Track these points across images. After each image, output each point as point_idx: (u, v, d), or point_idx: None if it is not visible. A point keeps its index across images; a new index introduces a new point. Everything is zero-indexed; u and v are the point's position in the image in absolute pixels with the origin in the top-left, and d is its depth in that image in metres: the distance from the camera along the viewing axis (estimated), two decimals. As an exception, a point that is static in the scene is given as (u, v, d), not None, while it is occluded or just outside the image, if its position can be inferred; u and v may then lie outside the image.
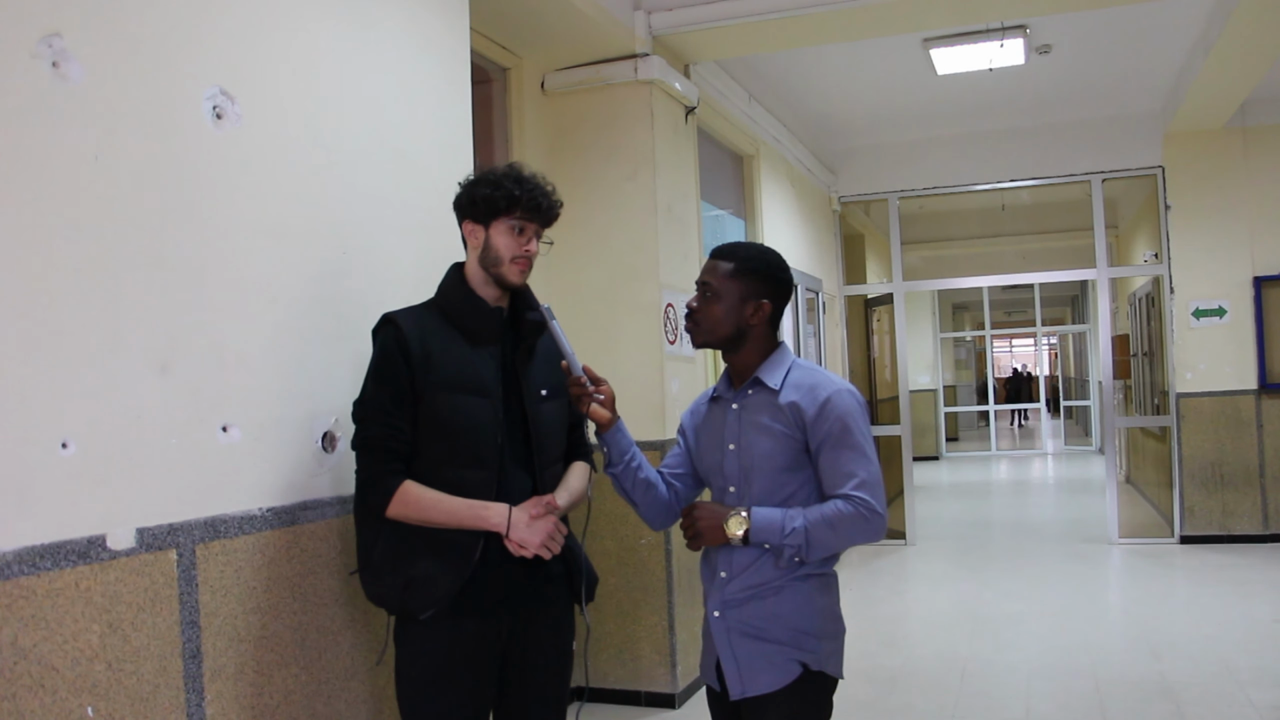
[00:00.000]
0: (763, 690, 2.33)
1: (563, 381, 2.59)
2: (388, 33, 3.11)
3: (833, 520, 2.27)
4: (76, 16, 2.09)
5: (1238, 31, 5.97)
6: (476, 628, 2.47)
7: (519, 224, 2.51)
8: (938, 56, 6.87)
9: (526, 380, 2.56)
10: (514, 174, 2.53)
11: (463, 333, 2.51)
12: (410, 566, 2.42)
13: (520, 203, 2.50)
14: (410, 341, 2.44)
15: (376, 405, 2.44)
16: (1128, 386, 12.14)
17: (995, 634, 6.11)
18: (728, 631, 2.38)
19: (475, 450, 2.46)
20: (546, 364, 2.63)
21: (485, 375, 2.49)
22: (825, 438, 2.32)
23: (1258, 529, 8.44)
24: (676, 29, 5.12)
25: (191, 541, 2.28)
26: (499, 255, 2.52)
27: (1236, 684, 4.98)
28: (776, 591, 2.35)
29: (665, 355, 5.03)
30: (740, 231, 7.06)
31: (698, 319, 2.44)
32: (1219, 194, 8.53)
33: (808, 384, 2.38)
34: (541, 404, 2.58)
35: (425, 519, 2.41)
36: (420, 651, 2.47)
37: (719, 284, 2.42)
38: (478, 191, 2.53)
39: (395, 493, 2.40)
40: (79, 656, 2.01)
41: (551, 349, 2.61)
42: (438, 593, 2.41)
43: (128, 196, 2.18)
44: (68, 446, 2.01)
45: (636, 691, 5.02)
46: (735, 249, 2.47)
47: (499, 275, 2.53)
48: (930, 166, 9.29)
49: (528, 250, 2.53)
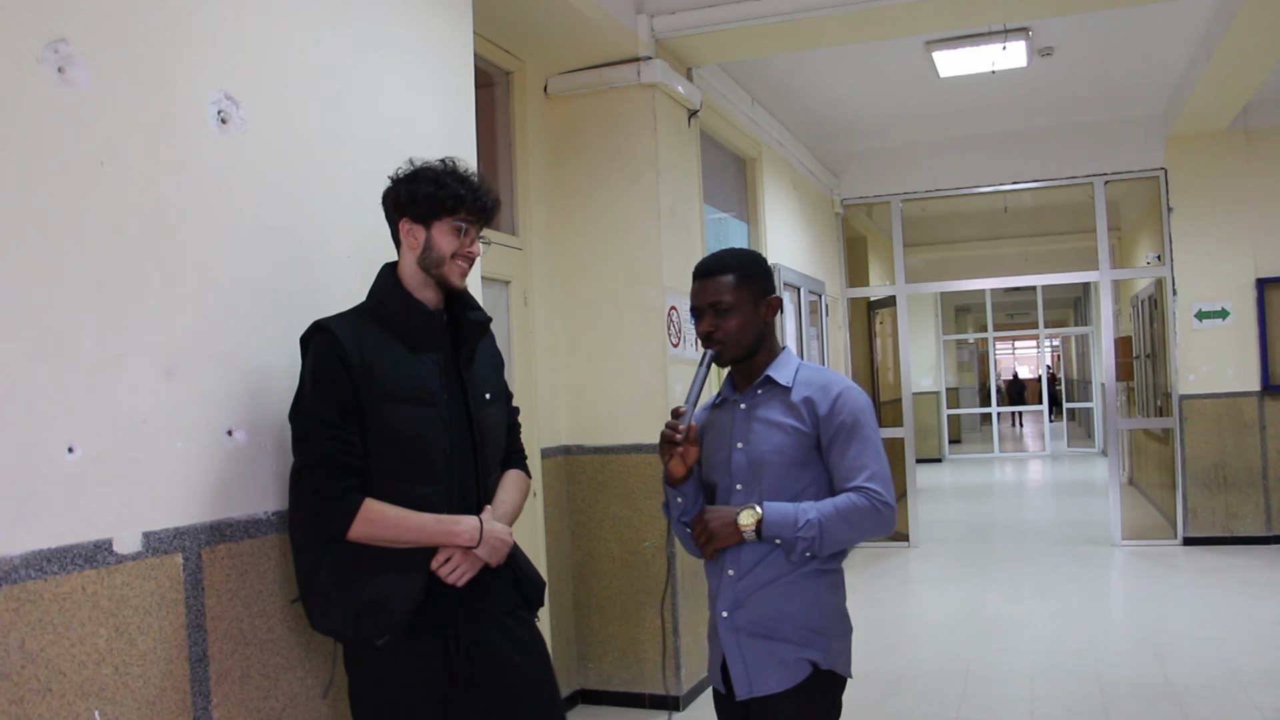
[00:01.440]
0: (772, 690, 2.32)
1: (502, 385, 2.59)
2: (391, 37, 3.12)
3: (845, 512, 2.28)
4: (82, 22, 2.10)
5: (1240, 34, 5.98)
6: (430, 648, 2.36)
7: (463, 224, 2.41)
8: (940, 59, 6.87)
9: (471, 385, 2.46)
10: (456, 172, 2.43)
11: (402, 339, 2.38)
12: (362, 590, 2.27)
13: (465, 202, 2.39)
14: (348, 349, 2.29)
15: (321, 419, 2.26)
16: (1130, 388, 12.13)
17: (998, 636, 6.11)
18: (736, 631, 2.37)
19: (426, 463, 2.34)
20: (488, 367, 2.55)
21: (430, 383, 2.38)
22: (838, 431, 2.35)
23: (1260, 530, 8.44)
24: (679, 32, 5.13)
25: (197, 545, 2.29)
26: (441, 255, 2.40)
27: (1240, 685, 4.98)
28: (786, 589, 2.34)
29: (668, 358, 5.04)
30: (743, 234, 7.06)
31: (722, 338, 2.41)
32: (1222, 196, 8.53)
33: (819, 381, 2.41)
34: (486, 408, 2.48)
35: (392, 538, 2.28)
36: (376, 679, 2.34)
37: (730, 298, 2.40)
38: (418, 189, 2.39)
39: (358, 512, 2.25)
40: (86, 660, 2.01)
41: (486, 350, 2.56)
42: (394, 616, 2.28)
43: (133, 201, 2.19)
44: (74, 451, 2.02)
45: (640, 694, 5.02)
46: (725, 261, 2.44)
47: (440, 276, 2.41)
48: (933, 169, 9.29)
49: (470, 251, 2.43)
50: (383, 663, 2.33)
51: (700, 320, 2.44)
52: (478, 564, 2.37)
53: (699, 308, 2.44)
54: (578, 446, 5.15)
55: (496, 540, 2.38)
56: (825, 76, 7.34)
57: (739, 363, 2.45)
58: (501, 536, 2.40)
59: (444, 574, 2.33)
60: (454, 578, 2.33)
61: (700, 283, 2.45)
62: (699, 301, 2.44)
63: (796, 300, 7.83)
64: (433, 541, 2.31)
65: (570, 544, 5.10)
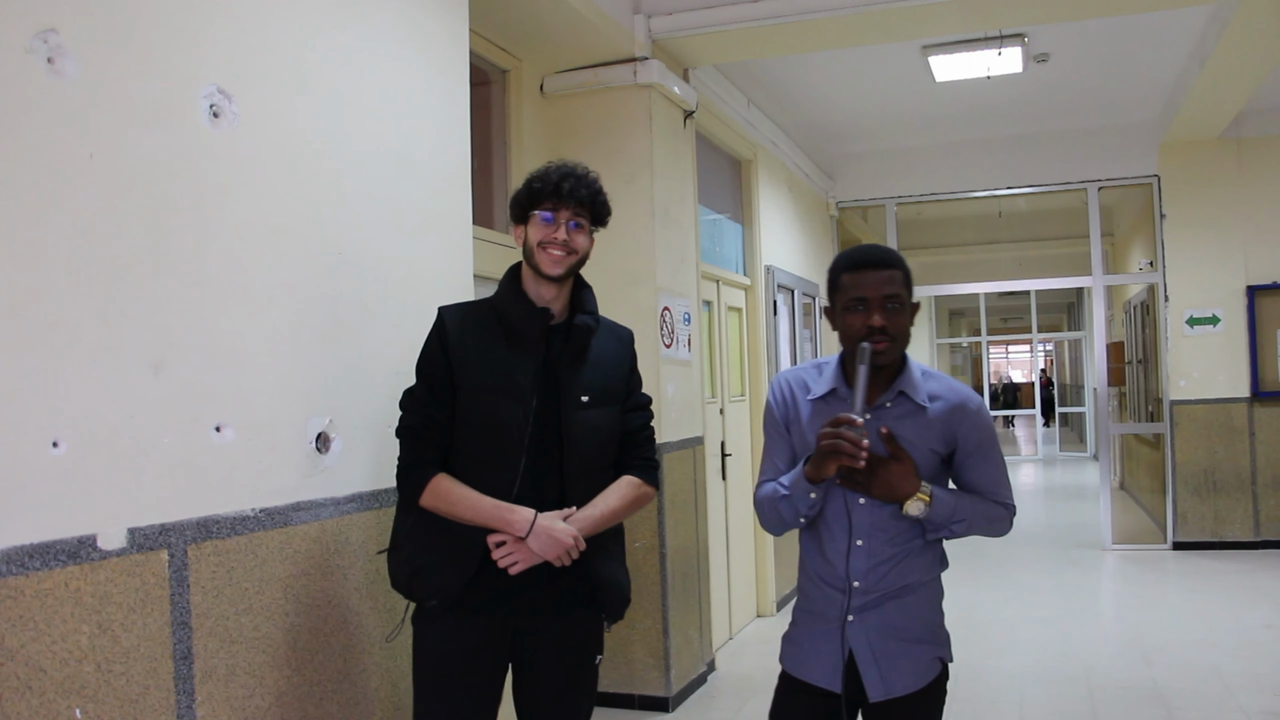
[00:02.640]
0: (909, 689, 2.32)
1: (612, 389, 2.57)
2: (386, 33, 3.11)
3: (988, 518, 2.36)
4: (72, 12, 2.08)
5: (1233, 43, 5.99)
6: (479, 626, 2.47)
7: (549, 212, 2.49)
8: (936, 64, 6.88)
9: (566, 385, 2.50)
10: (548, 168, 2.53)
11: (505, 331, 2.50)
12: (422, 554, 2.47)
13: (544, 192, 2.49)
14: (450, 336, 2.48)
15: (416, 396, 2.50)
16: (1122, 393, 12.16)
17: (989, 639, 6.11)
18: (866, 633, 2.32)
19: (501, 452, 2.45)
20: (596, 370, 2.56)
21: (519, 376, 2.46)
22: (976, 448, 2.36)
23: (1249, 536, 8.47)
24: (676, 33, 5.13)
25: (183, 542, 2.27)
26: (530, 247, 2.51)
27: (1227, 689, 4.99)
28: (915, 591, 2.36)
29: (661, 358, 5.03)
30: (738, 236, 7.06)
31: (895, 333, 2.27)
32: (1213, 204, 8.56)
33: (949, 395, 2.35)
34: (580, 411, 2.50)
35: (453, 513, 2.43)
36: (426, 641, 2.51)
37: (905, 294, 2.30)
38: (514, 195, 2.56)
39: (429, 484, 2.44)
40: (68, 657, 2.00)
41: (604, 357, 2.58)
42: (441, 582, 2.44)
43: (123, 195, 2.17)
44: (59, 445, 2.00)
45: (630, 695, 5.01)
46: (891, 256, 2.31)
47: (535, 266, 2.50)
48: (928, 173, 9.30)
49: (556, 236, 2.48)
50: (441, 625, 2.49)
51: (863, 314, 2.27)
52: (532, 557, 2.43)
53: (866, 299, 2.27)
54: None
55: (549, 537, 2.41)
56: (821, 79, 7.35)
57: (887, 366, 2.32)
58: (556, 535, 2.41)
59: (497, 557, 2.43)
60: (505, 562, 2.43)
61: (868, 273, 2.28)
62: (869, 293, 2.26)
63: (791, 302, 7.83)
64: (488, 524, 2.43)
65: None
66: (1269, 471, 8.43)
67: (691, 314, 5.50)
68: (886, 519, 2.32)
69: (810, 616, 2.42)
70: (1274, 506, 8.43)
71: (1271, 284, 8.44)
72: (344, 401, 2.80)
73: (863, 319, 2.27)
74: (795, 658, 2.43)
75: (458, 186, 3.43)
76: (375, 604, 2.90)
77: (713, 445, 6.19)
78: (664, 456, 5.01)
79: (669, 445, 5.08)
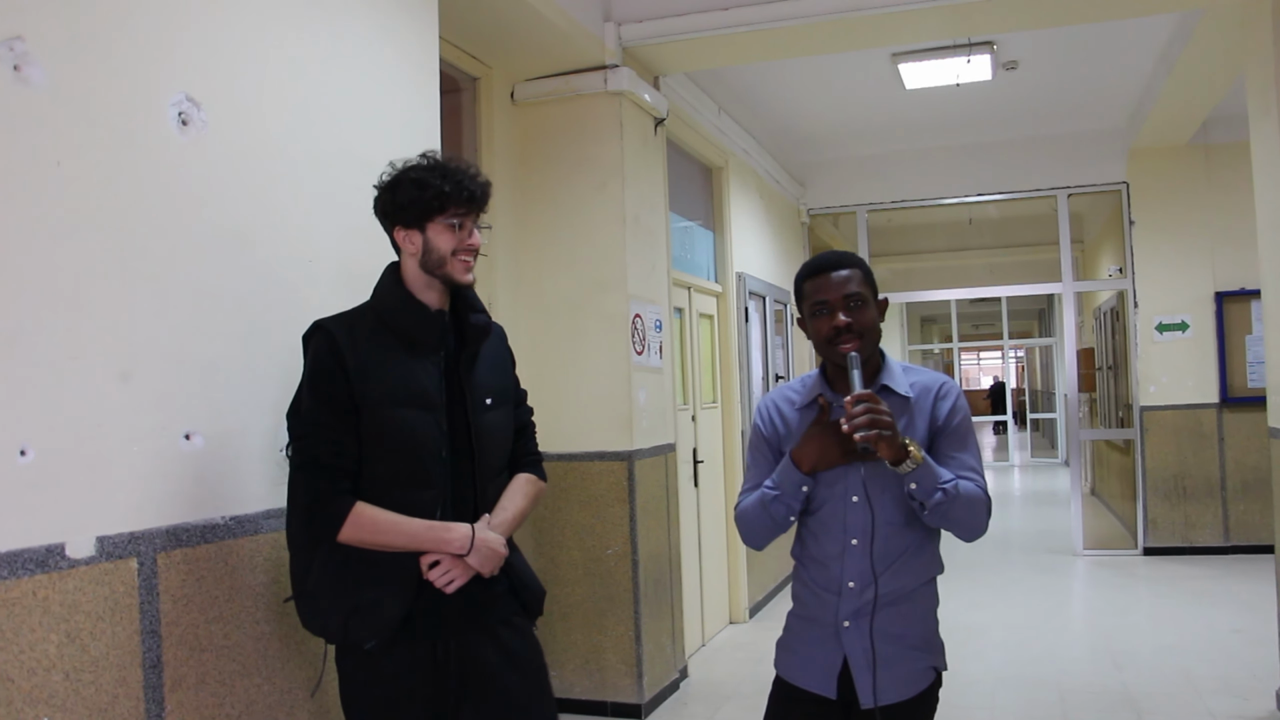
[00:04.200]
0: (902, 697, 2.33)
1: (507, 387, 2.53)
2: (356, 40, 3.11)
3: (972, 497, 2.29)
4: (39, 20, 2.07)
5: (1198, 50, 6.07)
6: (423, 653, 2.34)
7: (456, 220, 2.36)
8: (906, 71, 6.93)
9: (471, 389, 2.40)
10: (439, 167, 2.36)
11: (401, 340, 2.34)
12: (353, 593, 2.27)
13: (452, 198, 2.34)
14: (344, 350, 2.27)
15: (316, 420, 2.26)
16: (1093, 399, 12.25)
17: (960, 645, 6.13)
18: (862, 639, 2.33)
19: (421, 468, 2.31)
20: (491, 370, 2.48)
21: (428, 386, 2.33)
22: (955, 427, 2.36)
23: (1219, 541, 8.55)
24: (646, 41, 5.14)
25: (153, 550, 2.26)
26: (441, 256, 2.35)
27: (1196, 693, 5.03)
28: (911, 598, 2.36)
29: (632, 366, 5.04)
30: (709, 242, 7.08)
31: (860, 329, 2.30)
32: (1182, 210, 8.65)
33: (927, 382, 2.40)
34: (486, 414, 2.42)
35: (382, 543, 2.26)
36: (366, 679, 2.33)
37: (864, 290, 2.34)
38: (403, 195, 2.35)
39: (348, 515, 2.24)
40: (35, 667, 1.98)
41: (494, 356, 2.50)
42: (383, 620, 2.27)
43: (90, 202, 2.16)
44: (26, 454, 1.99)
45: (602, 702, 5.01)
46: (846, 257, 2.35)
47: (445, 275, 2.36)
48: (898, 180, 9.36)
49: (470, 244, 2.38)
50: (373, 664, 2.31)
51: (827, 316, 2.32)
52: (469, 572, 2.33)
53: (827, 302, 2.32)
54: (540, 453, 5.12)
55: (488, 549, 2.34)
56: (792, 87, 7.39)
57: (867, 363, 2.34)
58: (494, 546, 2.35)
59: (434, 579, 2.30)
60: (443, 583, 2.31)
61: (824, 277, 2.33)
62: (829, 295, 2.31)
63: (762, 309, 7.86)
64: (423, 548, 2.29)
65: (533, 551, 5.08)
66: (1238, 477, 8.51)
67: (663, 321, 5.51)
68: (881, 518, 2.32)
69: (805, 622, 2.43)
70: (1243, 512, 8.51)
71: (1240, 290, 8.52)
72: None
73: (828, 321, 2.32)
74: (790, 664, 2.43)
75: (429, 194, 3.42)
76: (347, 612, 2.88)
77: (685, 452, 6.20)
78: (636, 463, 5.02)
79: (641, 452, 5.09)
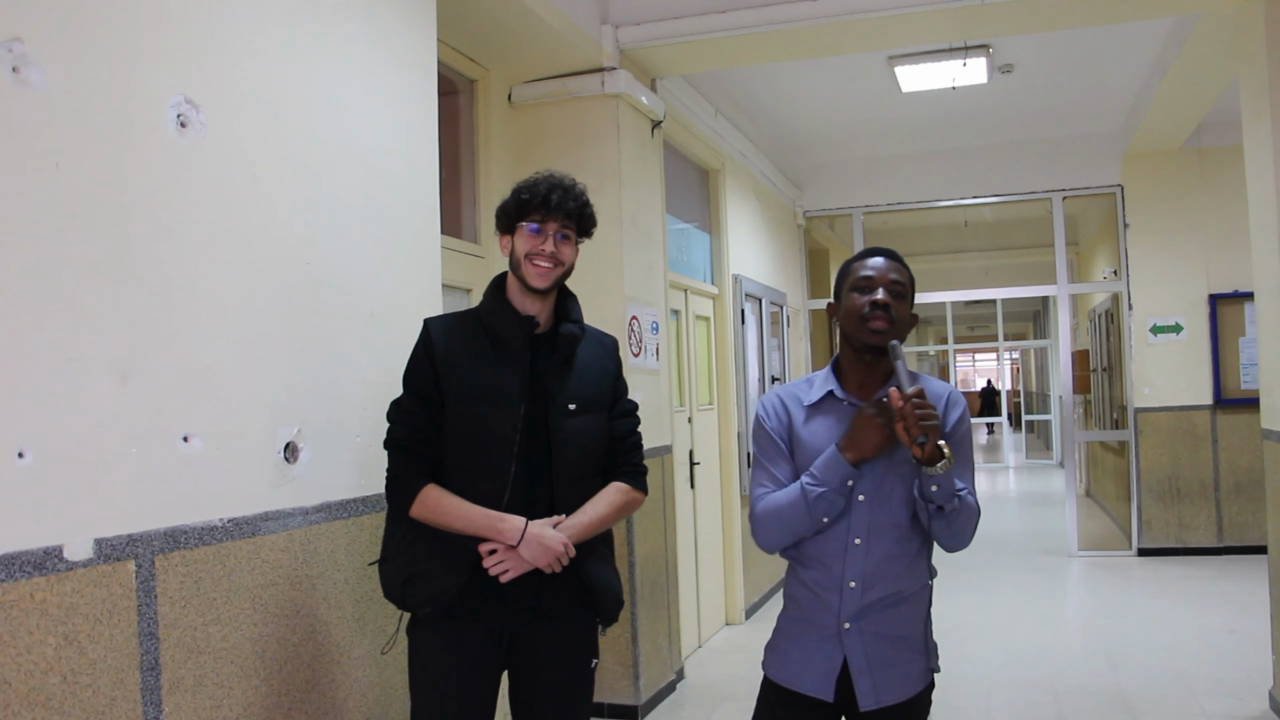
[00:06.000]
0: (897, 699, 2.34)
1: (598, 396, 2.60)
2: (355, 42, 3.11)
3: (972, 508, 2.33)
4: (39, 22, 2.07)
5: (1194, 55, 6.09)
6: (476, 633, 2.49)
7: (536, 224, 2.51)
8: (902, 74, 6.94)
9: (553, 393, 2.52)
10: (536, 179, 2.55)
11: (492, 341, 2.52)
12: (415, 563, 2.48)
13: (532, 204, 2.51)
14: (437, 346, 2.51)
15: (403, 408, 2.52)
16: (1087, 401, 12.28)
17: (955, 645, 6.12)
18: (862, 641, 2.33)
19: (491, 461, 2.47)
20: (582, 378, 2.58)
21: (507, 386, 2.48)
22: (958, 438, 2.36)
23: (1212, 542, 8.58)
24: (644, 43, 5.15)
25: (151, 552, 2.26)
26: (517, 259, 2.53)
27: (1190, 694, 5.05)
28: (909, 600, 2.38)
29: (629, 367, 5.04)
30: (706, 245, 7.09)
31: (894, 315, 2.33)
32: (1176, 213, 8.68)
33: (939, 389, 2.42)
34: (567, 418, 2.52)
35: (443, 523, 2.45)
36: (422, 651, 2.53)
37: (907, 286, 2.38)
38: (501, 205, 2.58)
39: (418, 495, 2.46)
40: (33, 670, 1.98)
41: (590, 365, 2.61)
42: (434, 591, 2.45)
43: (89, 204, 2.16)
44: (24, 456, 1.99)
45: (599, 704, 5.01)
46: (897, 254, 2.41)
47: (521, 278, 2.52)
48: (894, 182, 9.37)
49: (543, 248, 2.50)
50: (437, 634, 2.50)
51: (866, 294, 2.34)
52: (523, 564, 2.45)
53: (871, 279, 2.35)
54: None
55: (540, 545, 2.43)
56: (789, 89, 7.40)
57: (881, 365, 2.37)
58: (547, 543, 2.43)
59: (489, 565, 2.45)
60: (496, 570, 2.44)
61: (877, 259, 2.39)
62: (874, 274, 2.36)
63: (758, 311, 7.87)
64: (478, 532, 2.44)
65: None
66: (1231, 478, 8.54)
67: (659, 323, 5.52)
68: (887, 519, 2.33)
69: (801, 625, 2.41)
70: (1236, 512, 8.54)
71: (1233, 292, 8.55)
72: (312, 411, 2.80)
73: (867, 297, 2.34)
74: (783, 667, 2.41)
75: (426, 196, 3.43)
76: (344, 614, 2.89)
77: (681, 454, 6.21)
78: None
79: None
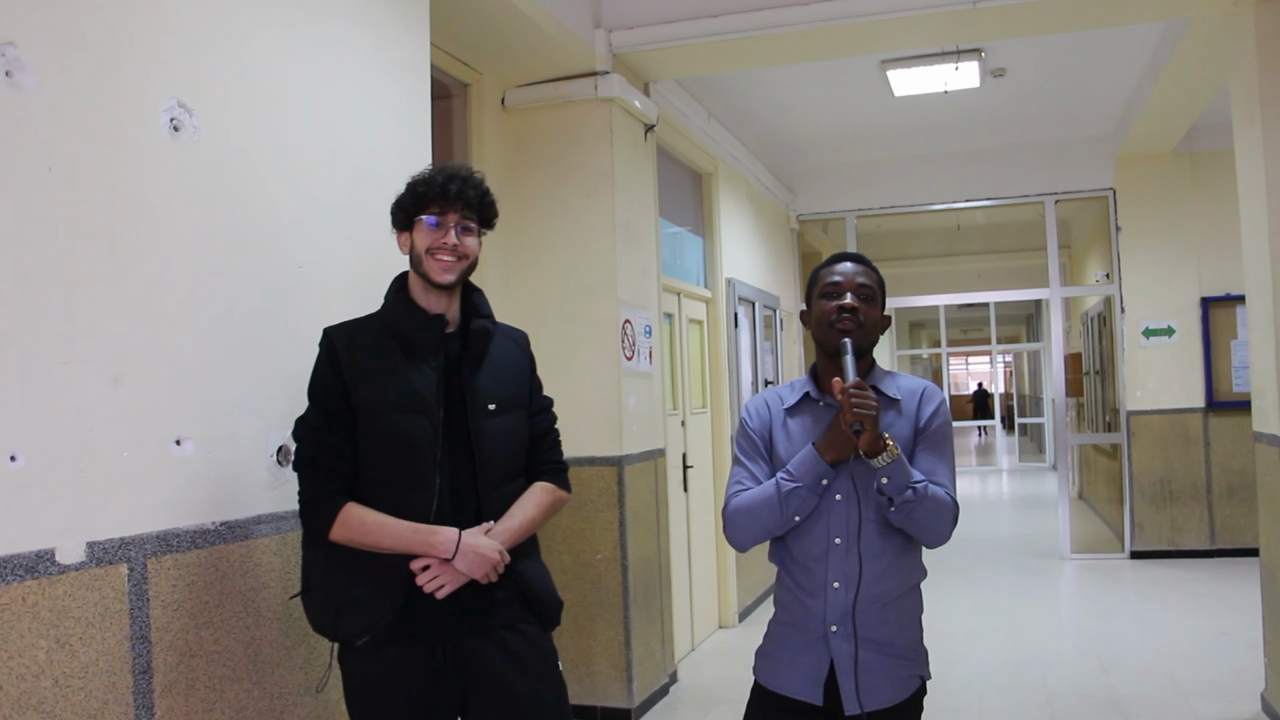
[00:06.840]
0: (884, 705, 2.33)
1: (517, 394, 2.50)
2: (348, 47, 3.11)
3: (938, 501, 2.30)
4: (31, 26, 2.08)
5: (1185, 59, 6.11)
6: (420, 655, 2.34)
7: (435, 216, 2.36)
8: (895, 78, 6.96)
9: (472, 394, 2.40)
10: (429, 172, 2.42)
11: (400, 344, 2.37)
12: (344, 591, 2.32)
13: (429, 196, 2.37)
14: (341, 355, 2.34)
15: (312, 423, 2.33)
16: (1080, 404, 12.30)
17: (949, 648, 6.14)
18: (848, 645, 2.32)
19: (415, 471, 2.32)
20: (496, 375, 2.46)
21: (423, 390, 2.34)
22: (932, 436, 2.38)
23: (1205, 544, 8.60)
24: (637, 47, 5.16)
25: (143, 556, 2.26)
26: (418, 254, 2.38)
27: (1182, 696, 5.06)
28: (895, 603, 2.37)
29: (622, 371, 5.05)
30: (699, 248, 7.10)
31: (862, 318, 2.36)
32: (1168, 217, 8.71)
33: (915, 387, 2.44)
34: (488, 419, 2.40)
35: (370, 543, 2.28)
36: (361, 679, 2.36)
37: (875, 289, 2.41)
38: (396, 201, 2.44)
39: (338, 515, 2.28)
40: (24, 673, 1.98)
41: (505, 362, 2.51)
42: (369, 619, 2.29)
43: (82, 208, 2.17)
44: (16, 459, 1.99)
45: (592, 707, 5.01)
46: (862, 258, 2.45)
47: (424, 274, 2.37)
48: (887, 186, 9.39)
49: (445, 241, 2.35)
50: (372, 663, 2.34)
51: (834, 298, 2.37)
52: (459, 577, 2.31)
53: (839, 285, 2.39)
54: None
55: (476, 555, 2.30)
56: (781, 93, 7.41)
57: (860, 353, 2.38)
58: (483, 552, 2.30)
59: (423, 583, 2.30)
60: (432, 587, 2.30)
61: (844, 264, 2.43)
62: (842, 279, 2.39)
63: (751, 314, 7.88)
64: (409, 550, 2.29)
65: (523, 556, 5.08)
66: (1224, 481, 8.56)
67: (653, 326, 5.53)
68: (865, 516, 2.32)
69: (789, 629, 2.41)
70: (1229, 515, 8.56)
71: (1225, 295, 8.58)
72: (305, 414, 2.80)
73: (835, 302, 2.37)
74: (772, 671, 2.41)
75: (419, 199, 3.43)
76: (337, 617, 2.88)
77: (674, 457, 6.22)
78: (626, 468, 5.03)
79: (631, 457, 5.09)
